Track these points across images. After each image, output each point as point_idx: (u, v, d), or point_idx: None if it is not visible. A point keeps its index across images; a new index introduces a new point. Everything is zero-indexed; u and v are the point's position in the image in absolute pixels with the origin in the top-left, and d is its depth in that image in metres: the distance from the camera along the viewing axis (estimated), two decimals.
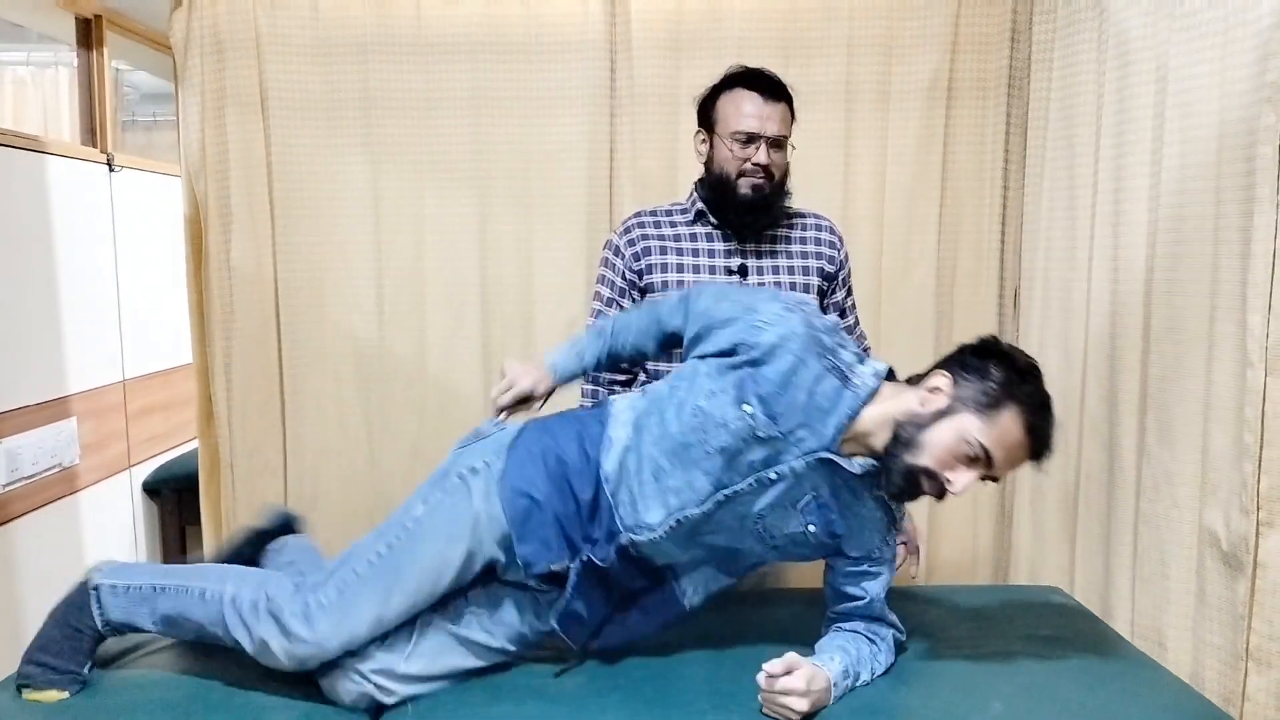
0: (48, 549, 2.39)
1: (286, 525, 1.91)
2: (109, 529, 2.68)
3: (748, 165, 1.96)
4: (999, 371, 1.52)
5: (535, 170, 2.44)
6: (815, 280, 2.05)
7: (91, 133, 2.79)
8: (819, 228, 2.08)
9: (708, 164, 2.01)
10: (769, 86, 1.97)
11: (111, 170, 2.71)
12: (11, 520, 2.26)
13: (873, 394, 1.55)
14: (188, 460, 2.87)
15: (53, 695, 1.58)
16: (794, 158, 2.43)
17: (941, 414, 1.51)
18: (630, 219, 2.09)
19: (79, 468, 2.53)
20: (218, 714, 1.54)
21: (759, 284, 2.00)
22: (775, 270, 2.03)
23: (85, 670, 1.62)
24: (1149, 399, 1.89)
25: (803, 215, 2.10)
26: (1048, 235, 2.31)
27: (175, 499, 2.85)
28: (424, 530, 1.59)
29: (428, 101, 2.41)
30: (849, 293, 2.14)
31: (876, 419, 1.54)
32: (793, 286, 2.01)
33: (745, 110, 1.96)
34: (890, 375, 1.60)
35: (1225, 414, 1.69)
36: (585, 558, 1.59)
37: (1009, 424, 1.49)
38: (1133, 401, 1.92)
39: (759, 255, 2.03)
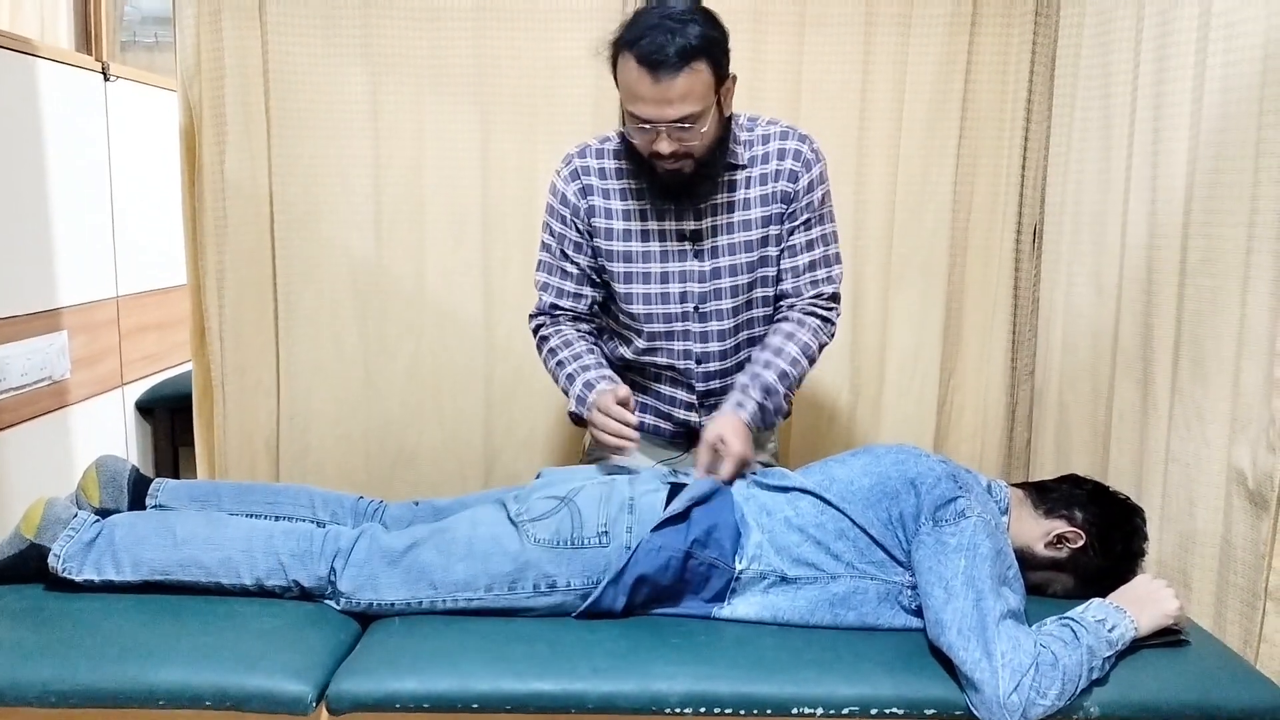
0: (36, 463, 2.35)
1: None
2: (100, 447, 2.63)
3: (652, 151, 1.65)
4: (1124, 561, 1.61)
5: (540, 86, 2.34)
6: (775, 230, 1.79)
7: (86, 39, 2.70)
8: (782, 154, 1.77)
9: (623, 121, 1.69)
10: (661, 60, 1.54)
11: (107, 80, 2.62)
12: None
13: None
14: (183, 380, 2.80)
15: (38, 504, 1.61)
16: (807, 81, 2.33)
17: (1055, 564, 1.61)
18: (574, 156, 1.82)
19: (69, 382, 2.47)
20: (200, 618, 1.50)
21: (714, 246, 1.79)
22: (730, 229, 1.78)
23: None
24: (1183, 334, 1.81)
25: (766, 140, 1.78)
26: (1079, 169, 2.21)
27: (169, 419, 2.80)
28: None
29: (430, 11, 2.31)
30: (821, 220, 1.81)
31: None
32: (749, 246, 1.79)
33: (634, 90, 1.59)
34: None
35: (1257, 349, 1.61)
36: None
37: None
38: (1168, 337, 1.84)
39: (714, 211, 1.77)
